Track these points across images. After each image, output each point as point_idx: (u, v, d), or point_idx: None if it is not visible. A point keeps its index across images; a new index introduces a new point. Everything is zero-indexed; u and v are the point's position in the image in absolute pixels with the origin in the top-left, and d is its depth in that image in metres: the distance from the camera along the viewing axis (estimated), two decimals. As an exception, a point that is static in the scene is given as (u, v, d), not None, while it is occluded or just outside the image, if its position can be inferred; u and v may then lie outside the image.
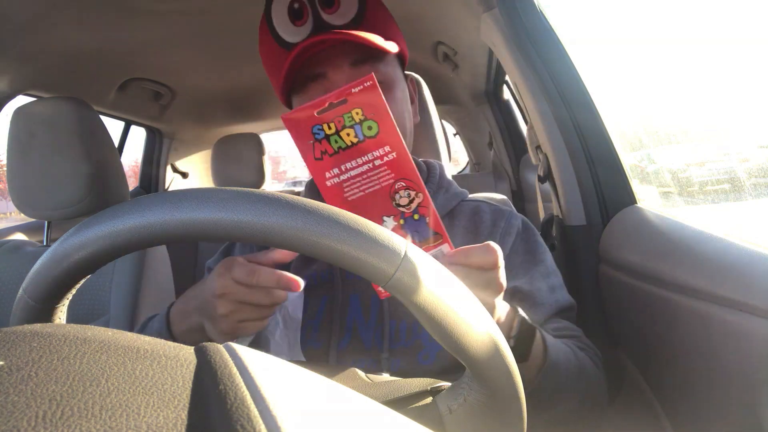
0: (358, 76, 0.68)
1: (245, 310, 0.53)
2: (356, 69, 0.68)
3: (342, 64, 0.68)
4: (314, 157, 0.46)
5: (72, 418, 0.16)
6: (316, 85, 0.69)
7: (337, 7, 0.68)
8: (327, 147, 0.46)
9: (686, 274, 0.68)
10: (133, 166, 10.28)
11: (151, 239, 0.34)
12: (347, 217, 0.33)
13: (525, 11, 1.01)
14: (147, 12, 1.17)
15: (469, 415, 0.40)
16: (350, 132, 0.46)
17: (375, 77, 0.45)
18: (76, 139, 1.05)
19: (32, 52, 1.25)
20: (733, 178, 1.13)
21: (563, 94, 0.99)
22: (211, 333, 0.56)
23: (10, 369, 0.18)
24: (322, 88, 0.69)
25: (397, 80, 0.73)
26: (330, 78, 0.68)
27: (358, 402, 0.24)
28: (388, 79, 0.71)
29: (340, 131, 0.46)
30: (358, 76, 0.68)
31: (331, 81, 0.68)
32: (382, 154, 0.47)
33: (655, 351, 0.78)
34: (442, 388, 0.44)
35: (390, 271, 0.32)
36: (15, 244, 1.20)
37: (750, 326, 0.56)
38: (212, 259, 0.84)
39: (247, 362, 0.21)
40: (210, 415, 0.18)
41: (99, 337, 0.22)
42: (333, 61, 0.68)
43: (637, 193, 0.96)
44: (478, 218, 0.78)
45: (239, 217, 0.32)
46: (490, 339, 0.36)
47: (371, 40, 0.65)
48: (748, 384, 0.56)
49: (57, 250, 0.36)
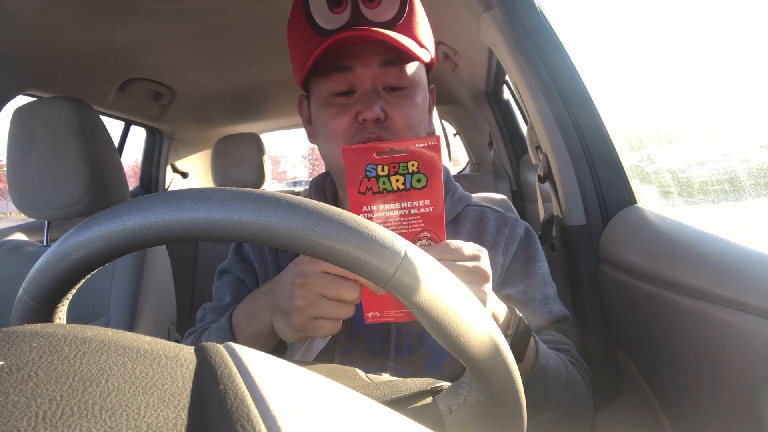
0: (385, 75, 0.68)
1: (324, 305, 0.49)
2: (384, 69, 0.68)
3: (371, 62, 0.68)
4: (358, 190, 0.49)
5: (72, 418, 0.16)
6: (340, 76, 0.69)
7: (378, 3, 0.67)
8: (374, 185, 0.49)
9: (686, 274, 0.68)
10: (133, 166, 10.26)
11: (151, 239, 0.34)
12: (347, 217, 0.33)
13: (525, 11, 1.01)
14: (147, 12, 1.17)
15: (469, 415, 0.40)
16: (400, 179, 0.49)
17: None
18: (76, 139, 1.05)
19: (32, 52, 1.25)
20: (733, 178, 1.13)
21: (563, 94, 0.99)
22: (283, 331, 0.53)
23: (10, 369, 0.18)
24: (346, 80, 0.68)
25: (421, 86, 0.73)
26: (357, 73, 0.68)
27: (358, 402, 0.24)
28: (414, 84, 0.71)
29: (391, 175, 0.49)
30: (385, 76, 0.69)
31: (358, 76, 0.68)
32: (420, 206, 0.50)
33: (655, 351, 0.78)
34: (442, 388, 0.44)
35: (390, 271, 0.32)
36: (15, 244, 1.20)
37: (750, 326, 0.56)
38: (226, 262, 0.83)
39: (247, 362, 0.21)
40: (210, 415, 0.18)
41: (99, 337, 0.22)
42: (363, 57, 0.67)
43: (637, 193, 0.96)
44: (483, 224, 0.77)
45: (239, 217, 0.32)
46: (490, 339, 0.36)
47: (406, 45, 0.65)
48: (748, 384, 0.56)
49: (57, 250, 0.36)
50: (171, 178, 2.49)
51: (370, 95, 0.68)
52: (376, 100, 0.67)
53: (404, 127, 0.69)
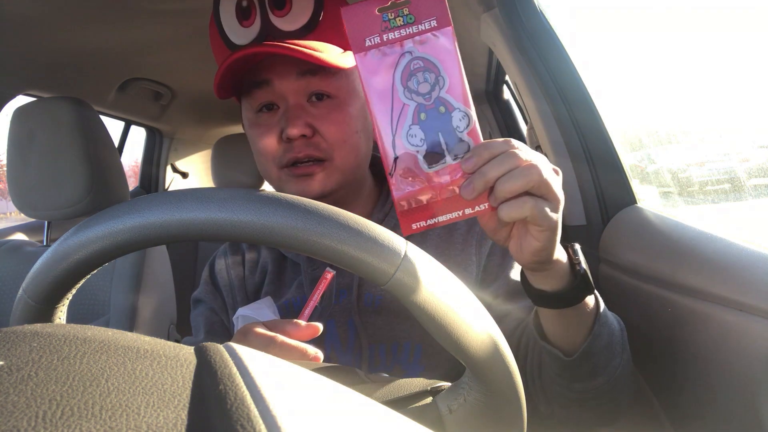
0: (305, 86, 0.64)
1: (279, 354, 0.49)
2: (304, 79, 0.63)
3: (288, 74, 0.63)
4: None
5: (72, 418, 0.16)
6: (259, 92, 0.65)
7: (289, 10, 0.62)
8: None
9: (686, 274, 0.68)
10: (133, 166, 10.27)
11: (151, 239, 0.34)
12: (347, 217, 0.33)
13: (525, 11, 1.01)
14: (147, 12, 1.17)
15: (469, 415, 0.40)
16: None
17: None
18: (76, 139, 1.05)
19: (32, 52, 1.25)
20: (733, 178, 1.13)
21: (563, 94, 0.99)
22: None
23: (10, 369, 0.18)
24: (266, 95, 0.65)
25: (353, 93, 0.67)
26: (275, 86, 0.64)
27: (358, 402, 0.24)
28: (343, 92, 0.66)
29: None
30: (306, 87, 0.64)
31: (276, 90, 0.64)
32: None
33: (655, 351, 0.78)
34: (442, 388, 0.44)
35: (390, 271, 0.32)
36: (15, 244, 1.20)
37: (750, 326, 0.56)
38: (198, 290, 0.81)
39: (247, 362, 0.21)
40: (210, 415, 0.18)
41: (99, 337, 0.22)
42: (278, 69, 0.63)
43: (637, 193, 0.96)
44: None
45: (239, 217, 0.32)
46: (490, 339, 0.36)
47: (319, 57, 0.59)
48: (748, 384, 0.56)
49: (57, 250, 0.36)
50: (171, 178, 2.49)
51: (292, 110, 0.63)
52: (298, 115, 0.63)
53: (336, 141, 0.64)
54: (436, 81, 0.44)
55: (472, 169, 0.42)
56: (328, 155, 0.65)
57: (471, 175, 0.42)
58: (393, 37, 0.43)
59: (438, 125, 0.43)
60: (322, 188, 0.66)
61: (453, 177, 0.43)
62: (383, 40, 0.43)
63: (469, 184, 0.42)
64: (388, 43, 0.43)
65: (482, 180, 0.42)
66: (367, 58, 0.43)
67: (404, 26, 0.43)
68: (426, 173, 0.43)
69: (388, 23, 0.43)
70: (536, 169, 0.43)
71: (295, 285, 0.73)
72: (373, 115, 0.43)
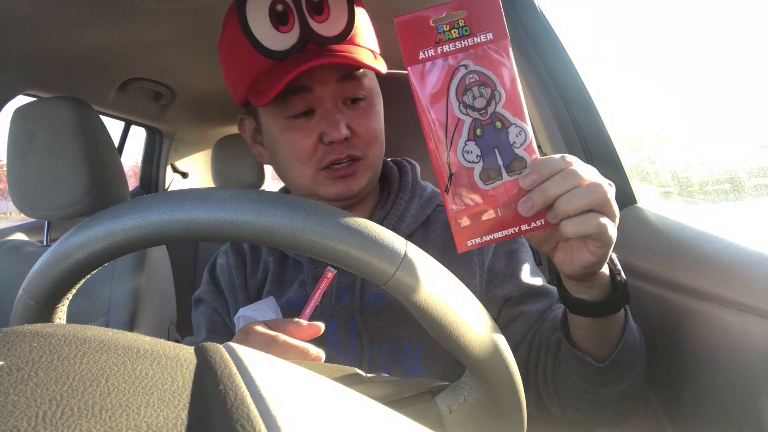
0: (344, 90, 0.65)
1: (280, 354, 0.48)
2: (342, 84, 0.65)
3: (329, 79, 0.64)
4: None
5: (72, 418, 0.16)
6: (298, 98, 0.64)
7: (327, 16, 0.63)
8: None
9: (686, 274, 0.68)
10: (133, 166, 10.26)
11: (151, 239, 0.34)
12: (347, 217, 0.33)
13: (525, 11, 1.02)
14: (147, 12, 1.17)
15: (469, 415, 0.40)
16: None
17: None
18: (76, 139, 1.05)
19: (32, 52, 1.25)
20: (733, 178, 1.13)
21: (563, 94, 0.99)
22: None
23: (10, 369, 0.18)
24: (305, 101, 0.65)
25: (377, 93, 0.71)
26: (315, 92, 0.64)
27: (358, 402, 0.24)
28: (372, 92, 0.69)
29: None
30: (344, 91, 0.65)
31: (316, 96, 0.65)
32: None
33: (655, 351, 0.78)
34: (442, 388, 0.44)
35: (390, 271, 0.32)
36: (15, 244, 1.20)
37: (750, 326, 0.56)
38: (199, 289, 0.81)
39: (247, 362, 0.21)
40: (210, 415, 0.18)
41: (99, 337, 0.22)
42: (320, 76, 0.63)
43: (637, 193, 0.96)
44: None
45: (239, 217, 0.32)
46: (490, 339, 0.36)
47: (365, 62, 0.61)
48: (748, 384, 0.56)
49: (57, 250, 0.36)
50: (171, 178, 2.49)
51: (333, 115, 0.64)
52: (340, 119, 0.64)
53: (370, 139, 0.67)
54: (492, 95, 0.43)
55: (531, 186, 0.42)
56: (364, 153, 0.67)
57: (529, 192, 0.42)
58: (448, 50, 0.42)
59: (494, 141, 0.43)
60: (360, 186, 0.68)
61: (509, 193, 0.43)
62: (437, 52, 0.42)
63: (528, 201, 0.42)
64: (442, 56, 0.42)
65: (543, 197, 0.42)
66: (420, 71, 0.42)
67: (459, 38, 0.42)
68: (482, 190, 0.42)
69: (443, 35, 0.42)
70: (601, 188, 0.43)
71: (297, 284, 0.73)
72: (427, 130, 0.42)
